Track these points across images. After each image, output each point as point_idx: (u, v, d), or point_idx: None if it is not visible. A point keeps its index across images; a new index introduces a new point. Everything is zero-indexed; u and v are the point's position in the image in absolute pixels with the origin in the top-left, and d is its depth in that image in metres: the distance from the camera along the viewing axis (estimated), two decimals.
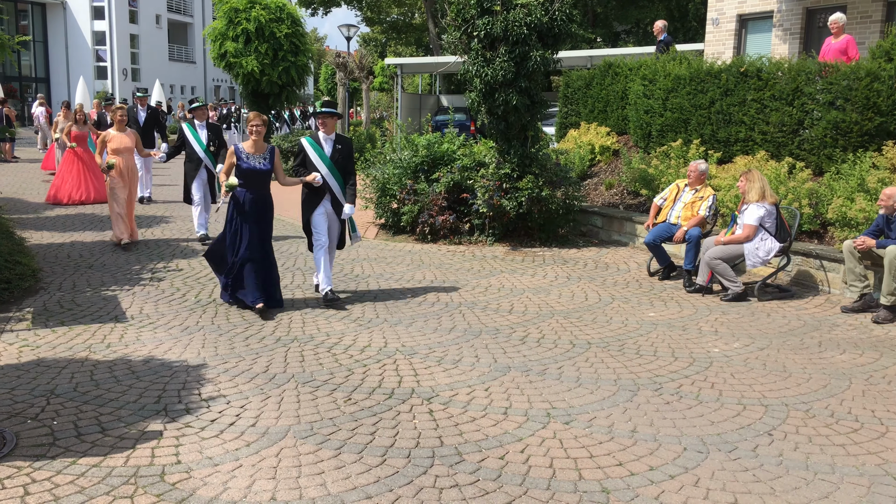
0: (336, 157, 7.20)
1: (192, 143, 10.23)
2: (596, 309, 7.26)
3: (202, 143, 10.22)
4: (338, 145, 7.24)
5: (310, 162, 7.16)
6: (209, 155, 10.23)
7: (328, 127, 7.21)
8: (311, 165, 7.15)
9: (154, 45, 50.28)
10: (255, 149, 6.94)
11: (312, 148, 7.16)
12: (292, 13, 17.91)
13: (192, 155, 10.23)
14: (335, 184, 7.19)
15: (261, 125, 6.90)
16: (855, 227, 7.87)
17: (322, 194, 7.16)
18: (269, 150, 7.02)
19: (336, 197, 7.22)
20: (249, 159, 6.89)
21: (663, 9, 32.69)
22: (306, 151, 7.18)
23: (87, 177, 13.52)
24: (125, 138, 9.78)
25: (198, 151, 10.19)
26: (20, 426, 4.41)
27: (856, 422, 4.67)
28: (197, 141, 10.22)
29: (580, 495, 3.73)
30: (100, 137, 9.81)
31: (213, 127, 10.57)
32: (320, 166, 7.11)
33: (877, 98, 8.71)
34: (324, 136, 7.21)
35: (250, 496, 3.67)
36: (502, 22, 9.51)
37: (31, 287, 7.57)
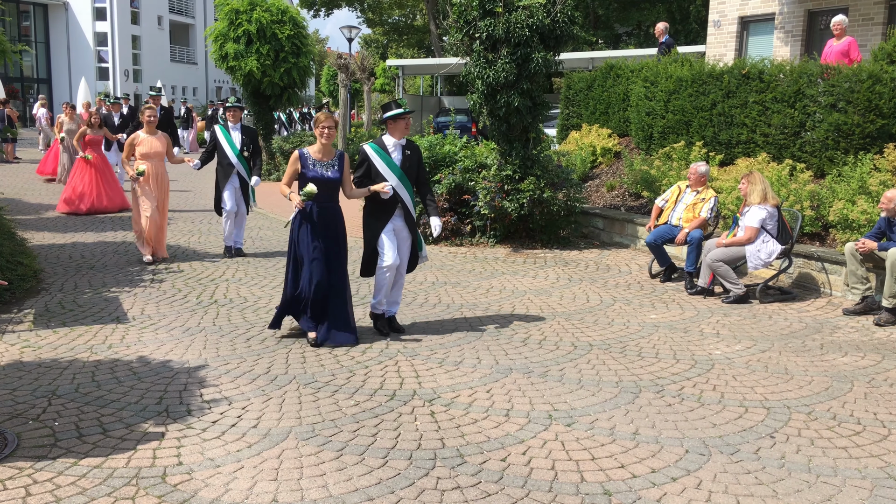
0: (406, 166, 6.26)
1: (225, 146, 9.26)
2: (597, 311, 7.26)
3: (235, 148, 9.24)
4: (407, 151, 6.29)
5: (376, 172, 6.19)
6: (242, 161, 9.28)
7: (397, 131, 6.25)
8: (377, 176, 6.18)
9: (156, 46, 50.32)
10: (323, 154, 6.02)
11: (379, 156, 6.21)
12: (294, 15, 17.93)
13: (223, 160, 9.29)
14: (406, 196, 6.27)
15: (332, 127, 6.03)
16: (856, 229, 7.86)
17: (391, 209, 6.21)
18: (337, 156, 6.10)
19: (408, 210, 6.30)
20: (317, 166, 5.97)
21: (664, 11, 32.71)
22: (371, 160, 6.21)
23: (101, 184, 12.60)
24: (156, 142, 8.89)
25: (230, 156, 9.23)
26: (22, 427, 4.41)
27: (858, 424, 4.66)
28: (230, 144, 9.25)
29: (582, 497, 3.73)
30: (128, 140, 8.86)
31: (248, 130, 9.51)
32: (389, 177, 6.17)
33: (878, 100, 8.71)
34: (392, 142, 6.25)
35: (252, 497, 3.67)
36: (504, 24, 9.51)
37: (32, 288, 7.58)
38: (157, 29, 50.93)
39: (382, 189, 6.08)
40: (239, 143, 9.27)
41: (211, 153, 9.40)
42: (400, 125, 6.26)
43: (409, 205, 6.31)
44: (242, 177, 9.31)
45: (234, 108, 9.44)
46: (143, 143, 8.79)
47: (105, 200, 12.53)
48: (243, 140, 9.30)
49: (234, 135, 9.31)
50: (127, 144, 8.82)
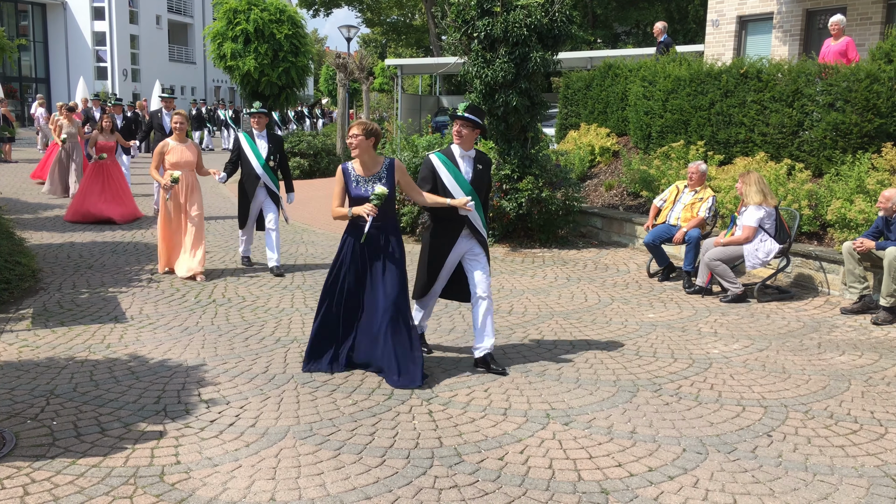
0: (477, 182, 5.42)
1: (250, 156, 8.42)
2: (595, 310, 7.27)
3: (261, 157, 8.40)
4: (478, 165, 5.44)
5: (442, 187, 5.36)
6: (269, 172, 8.43)
7: (467, 140, 5.38)
8: (442, 191, 5.36)
9: (154, 45, 50.29)
10: (365, 168, 5.20)
11: (447, 168, 5.37)
12: (292, 14, 17.93)
13: (248, 171, 8.43)
14: (477, 216, 5.43)
15: (362, 135, 5.16)
16: (854, 228, 7.87)
17: (456, 230, 5.40)
18: (385, 167, 5.21)
19: (479, 232, 5.45)
20: (360, 184, 5.16)
21: (663, 10, 32.71)
22: (438, 173, 5.38)
23: (113, 192, 11.82)
24: (186, 151, 8.25)
25: (255, 167, 8.39)
26: (20, 426, 4.41)
27: (855, 423, 4.67)
28: (255, 154, 8.41)
29: (579, 496, 3.74)
30: (156, 148, 8.28)
31: (274, 138, 8.73)
32: (457, 194, 5.34)
33: (876, 100, 8.72)
34: (460, 153, 5.41)
35: (250, 496, 3.68)
36: (502, 23, 9.52)
37: (30, 287, 7.58)
38: (156, 28, 50.90)
39: (464, 204, 5.19)
40: (265, 152, 8.45)
41: (235, 164, 8.53)
42: (470, 135, 5.39)
43: (481, 227, 5.46)
44: (270, 189, 8.46)
45: (258, 114, 8.57)
46: (173, 151, 8.16)
47: (117, 209, 11.77)
48: (269, 149, 8.49)
49: (260, 143, 8.48)
50: (156, 153, 8.25)
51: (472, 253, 5.49)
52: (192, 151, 8.33)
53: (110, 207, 11.67)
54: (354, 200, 5.16)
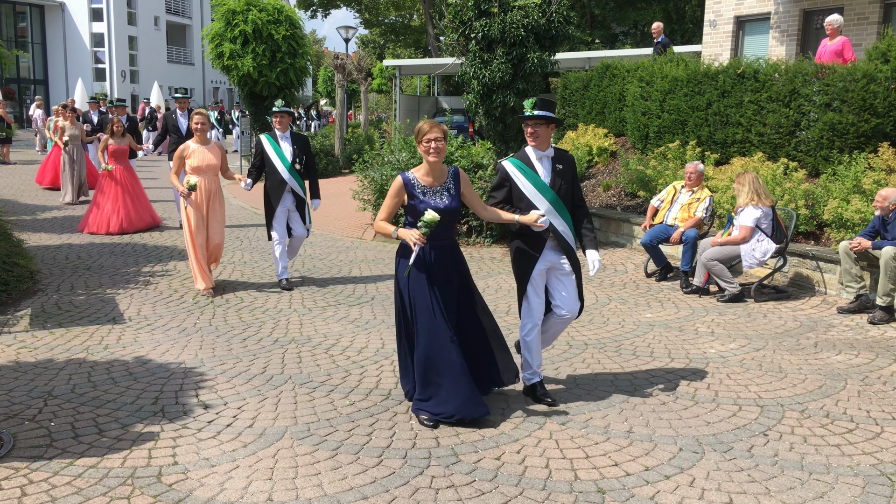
0: (558, 184, 4.76)
1: (274, 159, 7.75)
2: (593, 310, 7.28)
3: (286, 161, 7.74)
4: (558, 165, 4.78)
5: (519, 196, 4.75)
6: (295, 176, 7.79)
7: (541, 138, 4.76)
8: (521, 201, 4.74)
9: (152, 46, 50.26)
10: (433, 177, 4.55)
11: (523, 173, 4.76)
12: (290, 15, 17.94)
13: (273, 176, 7.78)
14: (563, 224, 4.77)
15: (443, 139, 4.50)
16: (851, 228, 7.89)
17: (541, 242, 4.77)
18: (451, 176, 4.59)
19: (567, 243, 4.81)
20: (427, 195, 4.53)
21: (661, 10, 32.72)
22: (513, 180, 4.76)
23: (128, 201, 11.11)
24: (209, 154, 7.61)
25: (280, 171, 7.72)
26: (18, 427, 4.42)
27: (851, 422, 4.68)
28: (279, 157, 7.75)
29: (576, 495, 3.75)
30: (176, 152, 7.65)
31: (299, 139, 8.03)
32: (538, 201, 4.71)
33: (873, 99, 8.74)
34: (536, 154, 4.78)
35: (247, 497, 3.68)
36: (499, 24, 9.54)
37: (28, 289, 7.58)
38: (154, 30, 50.87)
39: (534, 221, 4.58)
40: (290, 154, 7.79)
41: (260, 168, 7.86)
42: (545, 132, 4.75)
43: (569, 235, 4.82)
44: (297, 194, 7.83)
45: (281, 113, 7.85)
46: (195, 154, 7.55)
47: (135, 219, 11.11)
48: (295, 151, 7.83)
49: (284, 145, 7.81)
50: (176, 157, 7.63)
51: (559, 269, 4.83)
52: (216, 154, 7.69)
53: (128, 218, 11.00)
54: (420, 216, 4.42)
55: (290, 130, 7.98)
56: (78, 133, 14.04)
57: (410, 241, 4.36)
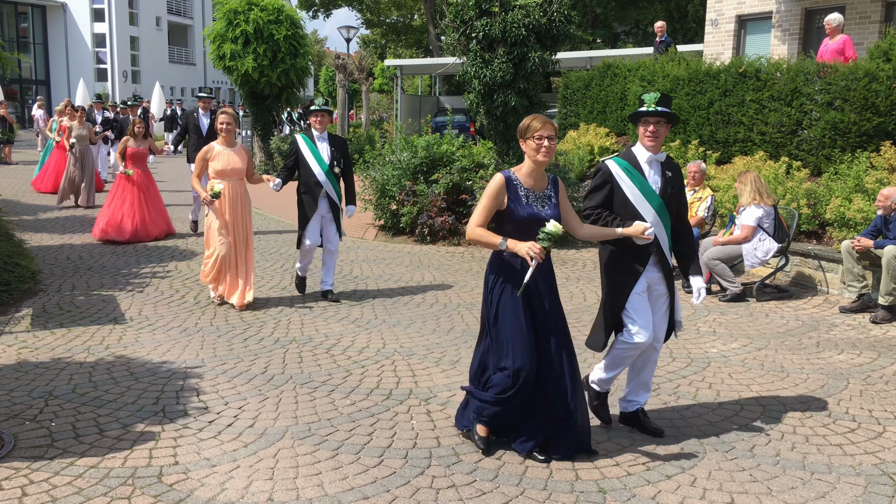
0: (668, 193, 4.26)
1: (310, 161, 7.23)
2: (594, 309, 7.26)
3: (323, 163, 7.20)
4: (667, 171, 4.27)
5: (622, 202, 4.20)
6: (332, 179, 7.25)
7: (661, 139, 4.24)
8: (624, 208, 4.20)
9: (154, 47, 50.32)
10: (535, 180, 4.04)
11: (629, 176, 4.21)
12: (291, 15, 17.92)
13: (308, 179, 7.24)
14: (665, 239, 4.28)
15: (554, 137, 4.00)
16: (853, 227, 7.87)
17: (646, 256, 4.24)
18: (551, 182, 4.12)
19: (666, 261, 4.31)
20: (531, 199, 4.01)
21: (663, 9, 32.70)
22: (617, 181, 4.22)
23: (145, 207, 10.40)
24: (234, 156, 7.04)
25: (317, 174, 7.20)
26: (18, 427, 4.41)
27: (853, 422, 4.67)
28: (317, 159, 7.21)
29: (577, 495, 3.74)
30: (199, 154, 7.10)
31: (337, 140, 7.43)
32: (644, 209, 4.18)
33: (875, 98, 8.73)
34: (648, 157, 4.23)
35: (247, 497, 3.68)
36: (500, 23, 9.53)
37: (30, 289, 7.58)
38: (156, 30, 50.93)
39: (641, 233, 4.04)
40: (328, 156, 7.25)
41: (291, 170, 7.37)
42: (664, 130, 4.24)
43: (667, 250, 4.32)
44: (333, 200, 7.32)
45: (321, 112, 7.26)
46: (219, 157, 6.99)
47: (150, 227, 10.40)
48: (332, 153, 7.28)
49: (321, 146, 7.28)
50: (198, 160, 7.07)
51: (655, 290, 4.32)
52: (242, 156, 7.09)
53: (143, 225, 10.30)
54: (521, 223, 3.96)
55: (327, 131, 7.42)
56: (86, 133, 13.27)
57: (527, 256, 3.78)
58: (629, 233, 4.06)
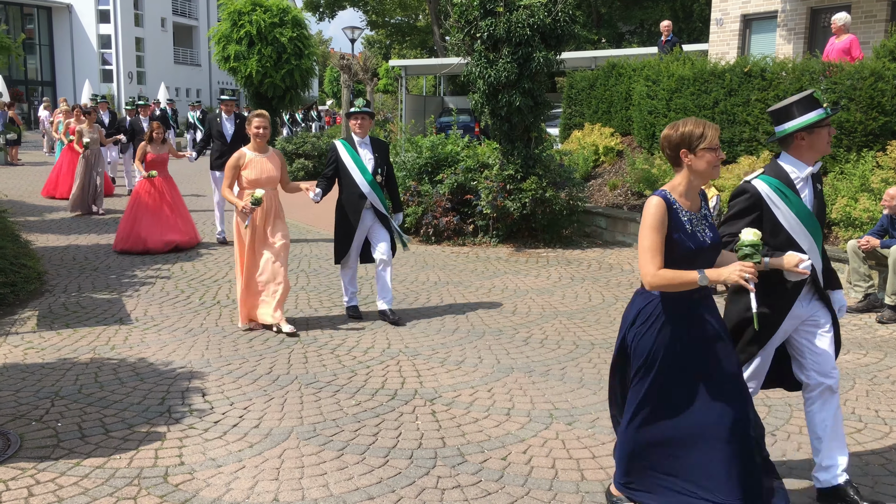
0: (822, 212, 3.66)
1: (352, 170, 6.54)
2: (599, 310, 7.26)
3: (367, 172, 6.53)
4: (817, 185, 3.64)
5: (774, 226, 3.50)
6: (377, 190, 6.59)
7: (812, 149, 3.54)
8: (774, 234, 3.49)
9: (159, 48, 50.44)
10: (691, 200, 3.33)
11: (783, 199, 3.50)
12: (296, 15, 17.93)
13: (350, 189, 6.55)
14: (820, 264, 3.64)
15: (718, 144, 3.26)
16: (859, 226, 7.85)
17: (795, 292, 3.54)
18: (702, 198, 3.43)
19: (822, 288, 3.65)
20: (693, 223, 3.28)
21: (668, 9, 32.66)
22: (769, 207, 3.50)
23: (167, 216, 9.72)
24: (268, 163, 6.39)
25: (360, 184, 6.52)
26: (25, 428, 4.43)
27: (859, 422, 4.66)
28: (359, 167, 6.54)
29: (582, 496, 3.73)
30: (230, 161, 6.39)
31: (379, 145, 6.78)
32: (802, 237, 3.53)
33: (881, 98, 8.70)
34: (807, 171, 3.54)
35: (253, 497, 3.68)
36: (505, 23, 9.52)
37: (36, 290, 7.61)
38: (161, 31, 51.05)
39: (797, 267, 3.32)
40: (371, 164, 6.58)
41: (332, 179, 6.65)
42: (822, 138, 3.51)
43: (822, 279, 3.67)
44: (379, 211, 6.63)
45: (362, 114, 6.57)
46: (252, 164, 6.34)
47: (176, 236, 9.73)
48: (375, 160, 6.61)
49: (363, 153, 6.61)
50: (229, 168, 6.37)
51: (813, 322, 3.61)
52: (276, 163, 6.47)
53: (169, 233, 9.65)
54: (685, 258, 3.21)
55: (368, 135, 6.72)
56: (97, 136, 12.70)
57: (741, 280, 3.05)
58: (779, 265, 3.35)
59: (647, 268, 3.17)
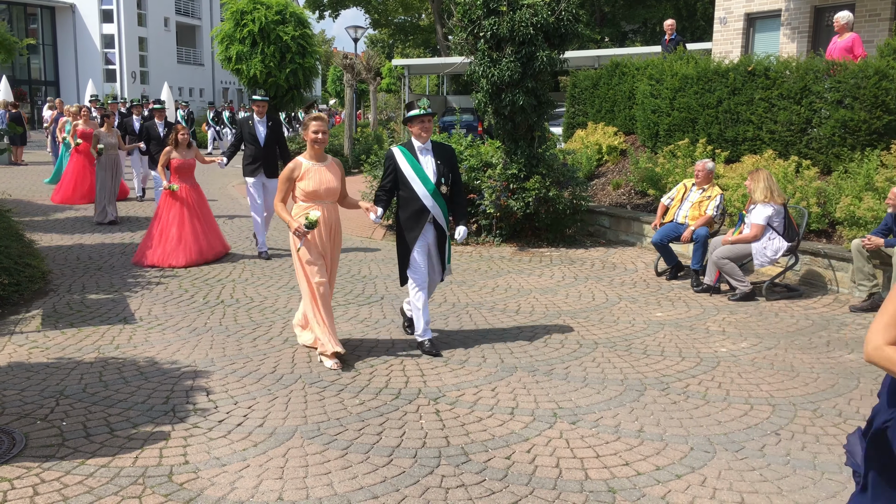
0: None
1: (412, 180, 5.73)
2: (603, 309, 7.26)
3: (429, 181, 5.72)
4: None
5: None
6: (440, 201, 5.76)
7: None
8: None
9: (162, 47, 50.49)
10: None
11: None
12: (297, 12, 17.92)
13: (411, 203, 5.75)
14: None
15: None
16: (863, 226, 7.83)
17: None
18: None
19: None
20: None
21: (671, 8, 32.64)
22: None
23: (196, 227, 8.94)
24: (328, 174, 5.58)
25: (422, 196, 5.71)
26: (30, 427, 4.44)
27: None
28: (420, 177, 5.72)
29: (586, 495, 3.73)
30: (284, 173, 5.57)
31: (443, 150, 5.88)
32: None
33: (885, 96, 8.68)
34: None
35: (257, 496, 3.69)
36: (508, 22, 9.51)
37: (40, 289, 7.62)
38: (164, 30, 51.09)
39: None
40: (433, 173, 5.73)
41: (391, 192, 5.87)
42: None
43: None
44: (440, 226, 5.84)
45: (424, 116, 5.74)
46: (309, 175, 5.52)
47: (205, 249, 9.01)
48: (439, 168, 5.75)
49: (426, 161, 5.76)
50: (283, 180, 5.56)
51: None
52: (336, 173, 5.65)
53: (198, 247, 8.93)
54: None
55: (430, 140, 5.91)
56: (115, 141, 11.95)
57: None
58: None
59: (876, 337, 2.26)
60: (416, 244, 5.78)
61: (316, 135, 5.58)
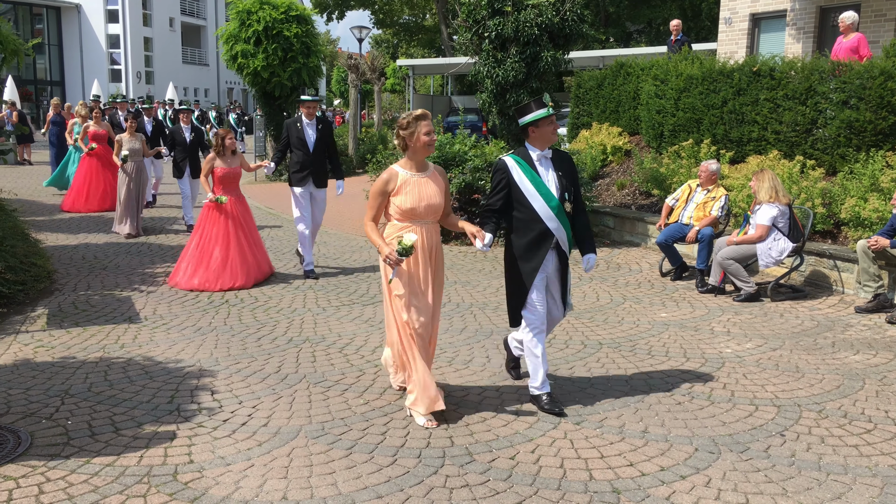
0: None
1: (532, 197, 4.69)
2: (607, 309, 7.25)
3: (552, 198, 4.72)
4: None
5: None
6: (564, 221, 4.80)
7: None
8: None
9: (167, 47, 50.63)
10: None
11: None
12: (301, 11, 17.92)
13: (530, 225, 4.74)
14: None
15: None
16: (868, 226, 7.81)
17: None
18: None
19: None
20: None
21: (676, 8, 32.60)
22: None
23: (242, 244, 8.00)
24: (429, 187, 4.58)
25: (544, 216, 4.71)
26: (35, 426, 4.45)
27: (869, 422, 4.64)
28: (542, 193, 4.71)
29: (591, 495, 3.73)
30: (376, 186, 4.55)
31: (563, 160, 4.85)
32: None
33: (891, 97, 8.65)
34: None
35: (262, 495, 3.70)
36: (513, 23, 9.52)
37: (45, 288, 7.65)
38: (169, 31, 51.22)
39: None
40: (556, 187, 4.71)
41: (501, 212, 4.83)
42: None
43: None
44: (563, 252, 4.87)
45: (548, 118, 4.68)
46: (407, 188, 4.53)
47: (252, 268, 8.05)
48: (560, 181, 4.74)
49: (548, 174, 4.74)
50: (374, 194, 4.55)
51: None
52: (440, 186, 4.63)
53: (245, 267, 7.98)
54: None
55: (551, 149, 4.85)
56: (139, 147, 11.06)
57: None
58: None
59: None
60: (536, 276, 4.69)
61: (429, 136, 4.49)
